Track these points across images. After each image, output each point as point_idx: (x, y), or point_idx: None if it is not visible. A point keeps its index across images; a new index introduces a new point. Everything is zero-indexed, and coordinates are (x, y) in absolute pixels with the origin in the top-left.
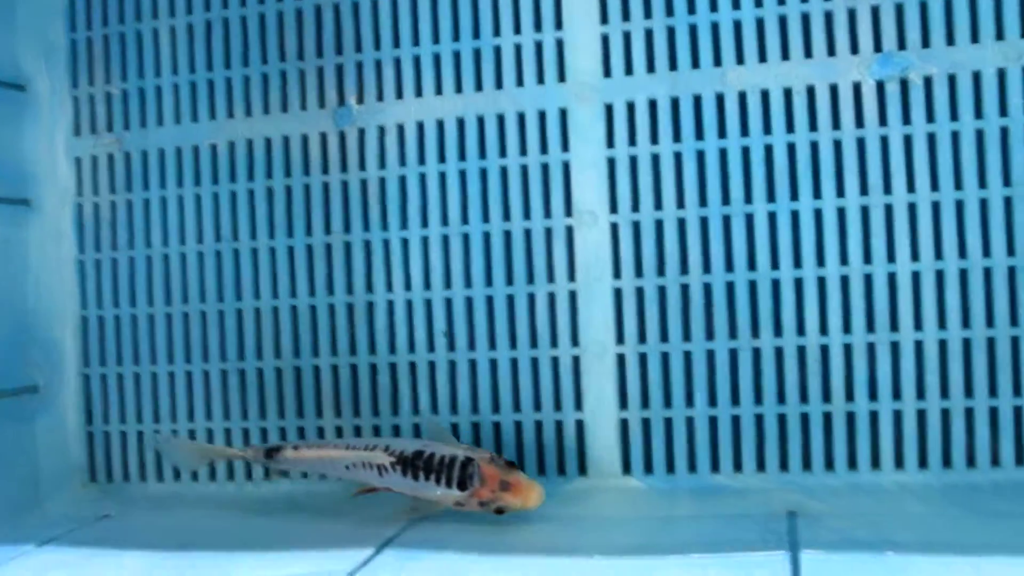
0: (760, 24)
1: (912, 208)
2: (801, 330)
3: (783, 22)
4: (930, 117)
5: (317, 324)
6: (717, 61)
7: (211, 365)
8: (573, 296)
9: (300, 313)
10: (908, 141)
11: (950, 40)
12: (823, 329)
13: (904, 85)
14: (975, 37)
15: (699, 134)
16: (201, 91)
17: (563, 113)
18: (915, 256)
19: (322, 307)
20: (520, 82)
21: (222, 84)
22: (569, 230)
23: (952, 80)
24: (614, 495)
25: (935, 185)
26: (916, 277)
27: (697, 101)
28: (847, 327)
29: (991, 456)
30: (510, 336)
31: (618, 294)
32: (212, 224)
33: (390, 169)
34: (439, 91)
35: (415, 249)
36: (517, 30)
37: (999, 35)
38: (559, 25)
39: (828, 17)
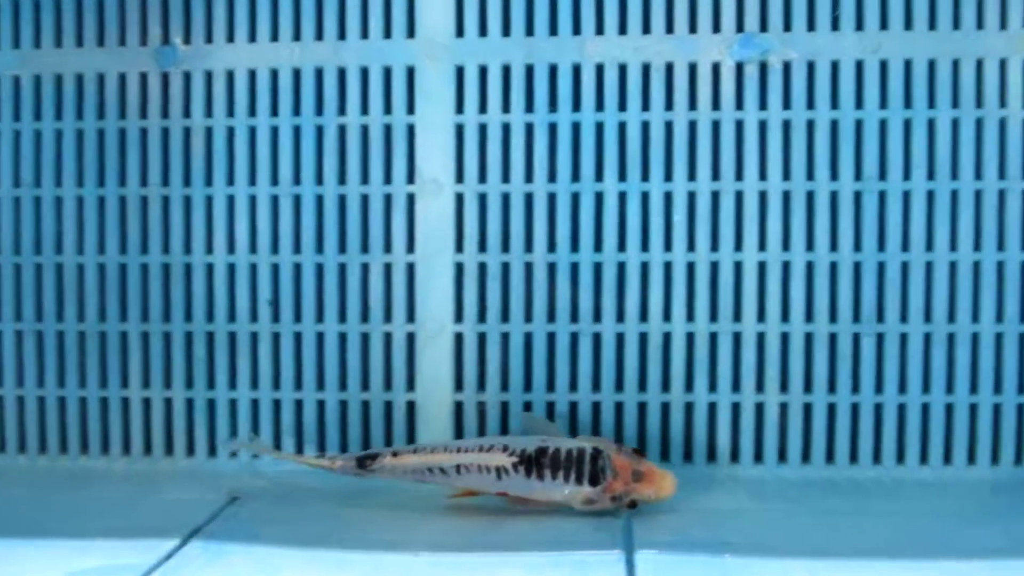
0: None
1: (763, 196)
2: (644, 316)
3: None
4: (787, 104)
5: (127, 285)
6: (576, 29)
7: (4, 324)
8: (411, 269)
9: (108, 272)
10: (763, 127)
11: (811, 26)
12: (667, 316)
13: (763, 68)
14: (835, 25)
15: (553, 105)
16: (4, 14)
17: (410, 72)
18: (762, 246)
19: (134, 267)
20: (365, 34)
21: (29, 8)
22: (411, 198)
23: (811, 67)
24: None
25: (787, 174)
26: (762, 267)
27: (553, 71)
28: (691, 315)
29: (826, 452)
30: (340, 308)
31: (459, 269)
32: (11, 167)
33: (217, 119)
34: (275, 37)
35: (241, 208)
36: None
37: (859, 25)
38: None
39: None
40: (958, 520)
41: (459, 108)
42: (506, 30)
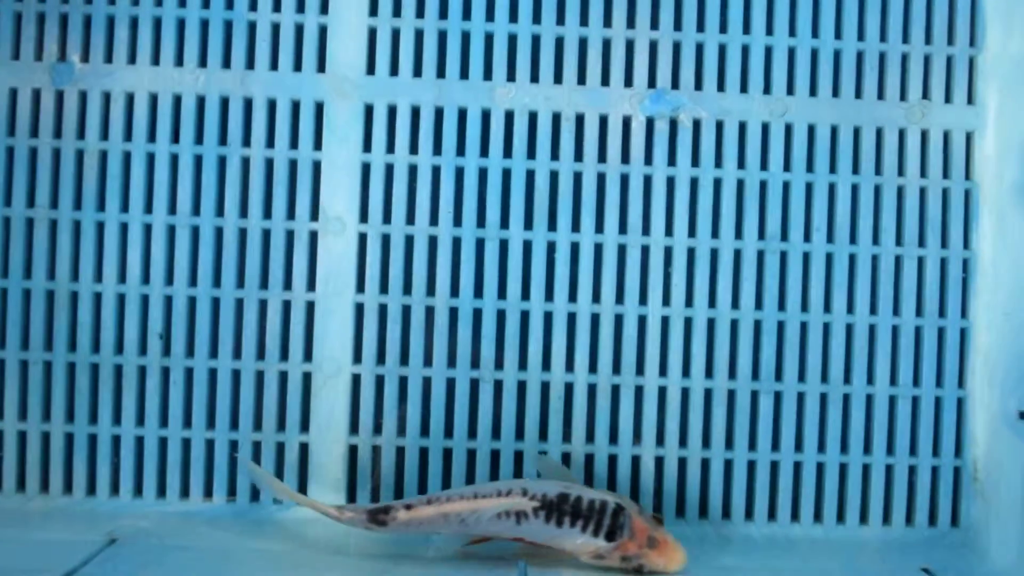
0: (536, 41)
1: (668, 252)
2: (547, 366)
3: (559, 43)
4: (695, 161)
5: (7, 310)
6: (488, 75)
7: None
8: (310, 307)
9: None
10: (671, 183)
11: (721, 86)
12: (569, 366)
13: (673, 125)
14: (744, 87)
15: (460, 149)
16: None
17: (319, 107)
18: (666, 301)
19: (15, 291)
20: (274, 66)
21: None
22: (313, 235)
23: (719, 127)
24: (336, 527)
25: (692, 231)
26: (665, 321)
27: (462, 115)
28: (593, 366)
29: (722, 509)
30: (235, 345)
31: (359, 310)
32: None
33: (113, 142)
34: (179, 62)
35: (135, 236)
36: (277, 7)
37: (767, 89)
38: (324, 10)
39: (606, 45)
40: None
41: (366, 146)
42: (417, 71)
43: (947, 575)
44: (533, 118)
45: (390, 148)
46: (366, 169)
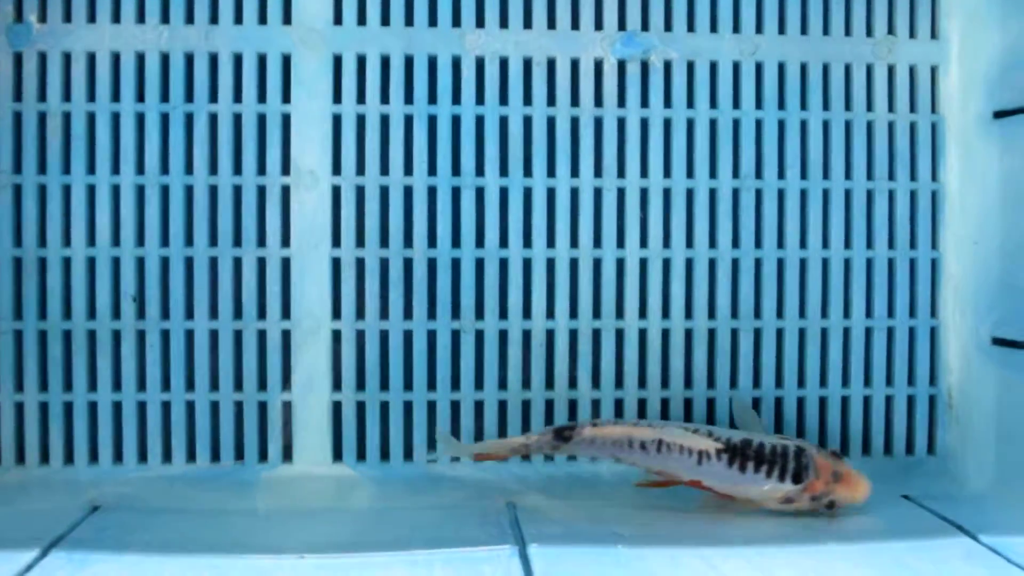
0: None
1: (644, 194)
2: (527, 313)
3: None
4: (667, 102)
5: None
6: (456, 21)
7: None
8: (286, 264)
9: None
10: (644, 125)
11: (691, 26)
12: (550, 313)
13: (645, 67)
14: (714, 27)
15: (432, 98)
16: None
17: (286, 60)
18: (643, 243)
19: None
20: (239, 19)
21: None
22: (286, 190)
23: (691, 67)
24: (323, 484)
25: (667, 172)
26: (643, 264)
27: (432, 62)
28: (574, 312)
29: None
30: (211, 305)
31: (336, 264)
32: None
33: (76, 104)
34: (141, 19)
35: (103, 198)
36: None
37: (736, 28)
38: None
39: None
40: None
41: (336, 98)
42: (385, 19)
43: (926, 501)
44: (504, 64)
45: (360, 99)
46: (337, 121)
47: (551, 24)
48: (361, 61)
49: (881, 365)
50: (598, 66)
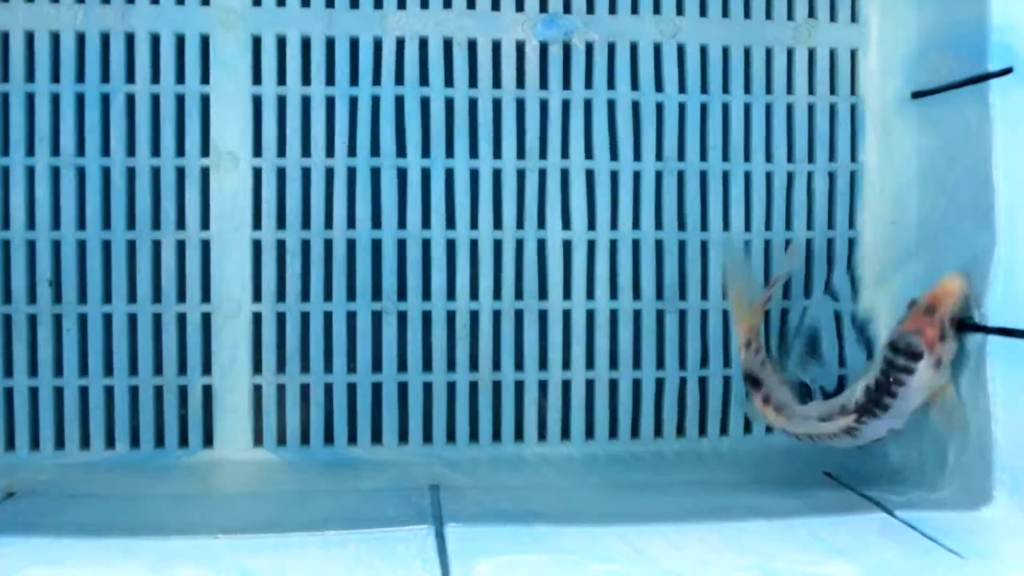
0: None
1: (565, 175)
2: (451, 295)
3: None
4: (588, 84)
5: None
6: (378, 3)
7: None
8: (206, 246)
9: None
10: (566, 106)
11: (612, 9)
12: (473, 294)
13: (567, 49)
14: (635, 8)
15: (354, 79)
16: None
17: (204, 40)
18: (566, 224)
19: None
20: None
21: None
22: (205, 172)
23: (612, 49)
24: (243, 468)
25: (589, 153)
26: (567, 245)
27: (354, 44)
28: (497, 293)
29: (631, 428)
30: (129, 288)
31: (257, 246)
32: None
33: None
34: None
35: (17, 180)
36: None
37: (656, 9)
38: None
39: None
40: (755, 488)
41: (256, 79)
42: (305, 1)
43: (847, 478)
44: (424, 44)
45: (281, 80)
46: (257, 102)
47: (471, 4)
48: (281, 42)
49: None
50: (520, 47)
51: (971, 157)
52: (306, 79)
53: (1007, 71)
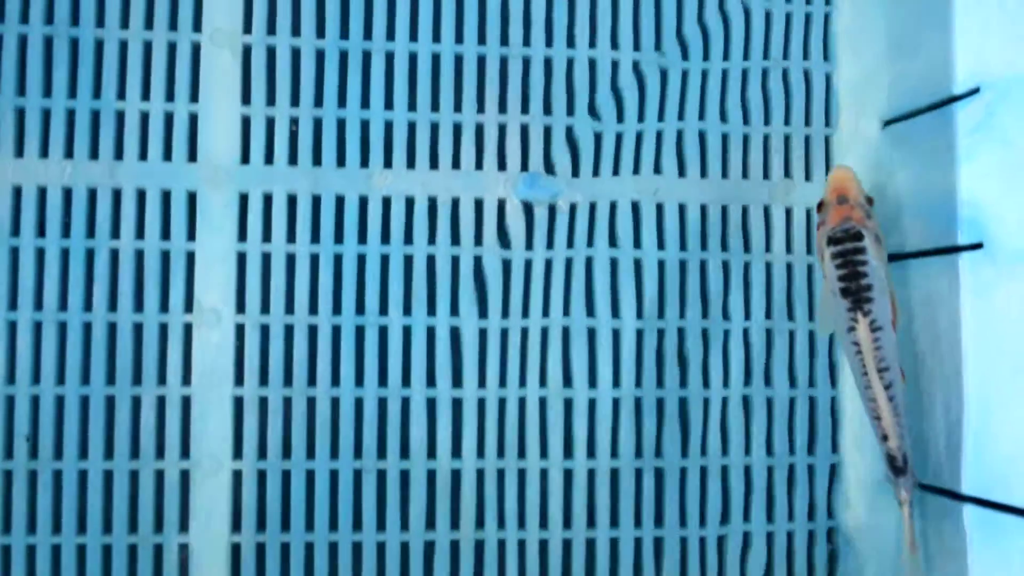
0: (412, 128)
1: (544, 333)
2: (432, 453)
3: (435, 129)
4: (570, 243)
5: None
6: (364, 162)
7: None
8: (187, 402)
9: None
10: (548, 265)
11: (596, 172)
12: (456, 452)
13: (552, 210)
14: (616, 170)
15: (339, 237)
16: None
17: (191, 197)
18: (543, 382)
19: None
20: (144, 155)
21: None
22: (188, 328)
23: (592, 208)
24: None
25: (567, 311)
26: (542, 403)
27: (340, 201)
28: (481, 451)
29: None
30: (106, 444)
31: (238, 403)
32: None
33: None
34: (44, 153)
35: None
36: (146, 96)
37: (636, 170)
38: (194, 98)
39: (479, 130)
40: None
41: (242, 236)
42: (293, 159)
43: None
44: (410, 203)
45: (266, 237)
46: (242, 259)
47: (456, 164)
48: (268, 199)
49: (783, 501)
50: (501, 206)
51: (940, 324)
52: (291, 237)
53: (977, 246)
